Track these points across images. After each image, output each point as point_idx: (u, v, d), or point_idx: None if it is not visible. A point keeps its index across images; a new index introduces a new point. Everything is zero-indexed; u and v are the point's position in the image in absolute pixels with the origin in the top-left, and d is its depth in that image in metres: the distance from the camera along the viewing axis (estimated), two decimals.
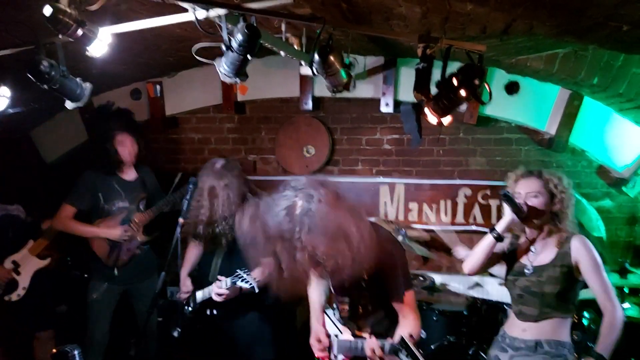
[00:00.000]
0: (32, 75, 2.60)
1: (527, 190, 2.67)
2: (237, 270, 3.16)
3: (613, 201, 4.43)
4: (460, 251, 3.90)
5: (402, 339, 2.23)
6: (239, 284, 3.13)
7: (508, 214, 2.66)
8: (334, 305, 2.73)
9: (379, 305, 2.56)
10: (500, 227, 2.70)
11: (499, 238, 2.70)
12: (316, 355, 2.70)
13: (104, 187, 4.01)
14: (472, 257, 2.80)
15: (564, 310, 2.63)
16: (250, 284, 3.09)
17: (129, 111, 4.30)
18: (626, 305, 3.67)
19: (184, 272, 3.69)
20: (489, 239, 2.73)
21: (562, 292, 2.60)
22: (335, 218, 2.11)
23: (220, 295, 3.27)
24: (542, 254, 2.69)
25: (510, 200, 2.62)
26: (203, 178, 3.40)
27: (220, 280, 3.26)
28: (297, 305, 4.54)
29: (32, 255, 4.14)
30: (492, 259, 2.81)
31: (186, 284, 3.65)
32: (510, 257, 2.84)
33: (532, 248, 2.74)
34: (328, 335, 2.66)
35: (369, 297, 2.56)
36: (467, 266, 2.83)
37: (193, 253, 3.76)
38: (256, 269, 3.17)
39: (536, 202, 2.65)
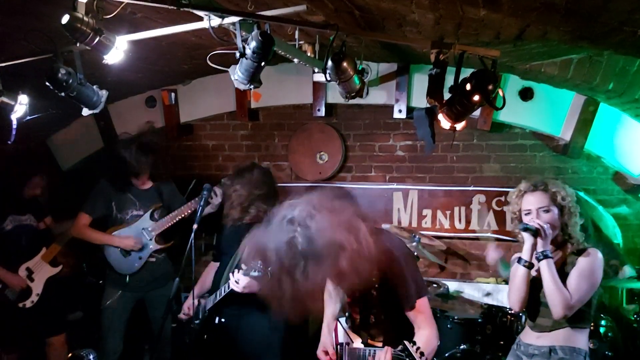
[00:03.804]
0: (51, 83, 2.64)
1: (537, 205, 2.64)
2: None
3: (630, 208, 4.36)
4: (491, 253, 3.88)
5: (405, 346, 2.18)
6: (252, 273, 3.11)
7: (528, 238, 2.61)
8: (347, 314, 2.73)
9: (391, 314, 2.54)
10: (526, 254, 2.63)
11: (529, 266, 2.63)
12: None
13: (118, 196, 4.06)
14: (512, 293, 2.71)
15: (578, 320, 2.59)
16: (263, 273, 3.09)
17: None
18: None
19: (194, 293, 3.62)
20: (521, 270, 2.64)
21: None
22: (333, 243, 2.04)
23: (237, 283, 3.25)
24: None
25: (530, 230, 2.58)
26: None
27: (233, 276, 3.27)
28: (309, 314, 4.53)
29: (45, 262, 4.19)
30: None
31: (190, 307, 3.58)
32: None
33: None
34: (339, 344, 2.65)
35: (379, 305, 2.55)
36: (512, 303, 2.73)
37: (209, 275, 3.73)
38: None
39: (548, 217, 2.61)
